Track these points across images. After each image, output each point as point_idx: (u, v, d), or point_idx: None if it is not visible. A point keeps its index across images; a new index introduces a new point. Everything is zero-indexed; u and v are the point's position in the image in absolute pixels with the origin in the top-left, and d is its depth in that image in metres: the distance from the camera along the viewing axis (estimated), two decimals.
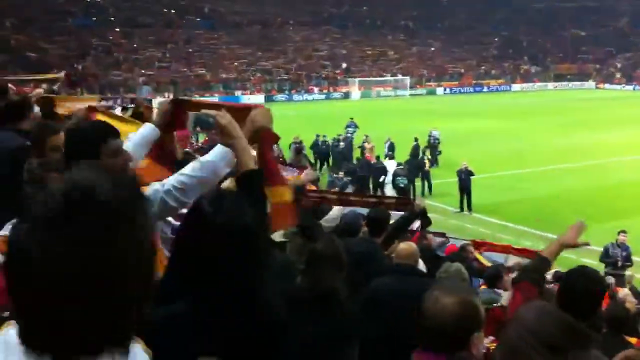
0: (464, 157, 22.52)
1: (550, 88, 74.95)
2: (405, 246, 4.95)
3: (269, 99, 61.83)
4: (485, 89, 72.82)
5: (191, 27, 72.53)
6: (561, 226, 16.82)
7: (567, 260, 13.89)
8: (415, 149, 25.40)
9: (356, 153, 26.54)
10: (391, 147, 26.66)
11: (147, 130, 3.42)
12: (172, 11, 73.99)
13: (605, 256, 13.92)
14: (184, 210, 2.50)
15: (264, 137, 2.93)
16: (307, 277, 3.29)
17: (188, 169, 2.77)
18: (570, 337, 2.85)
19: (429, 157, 24.88)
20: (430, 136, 28.60)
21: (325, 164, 27.48)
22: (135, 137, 3.38)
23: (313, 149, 27.78)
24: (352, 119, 32.33)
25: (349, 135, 30.12)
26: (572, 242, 3.81)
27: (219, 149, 2.81)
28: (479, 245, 10.88)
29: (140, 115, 5.54)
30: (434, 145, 27.80)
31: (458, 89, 72.30)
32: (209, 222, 1.90)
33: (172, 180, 2.77)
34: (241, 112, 3.07)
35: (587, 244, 3.85)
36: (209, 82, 63.02)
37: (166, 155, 3.63)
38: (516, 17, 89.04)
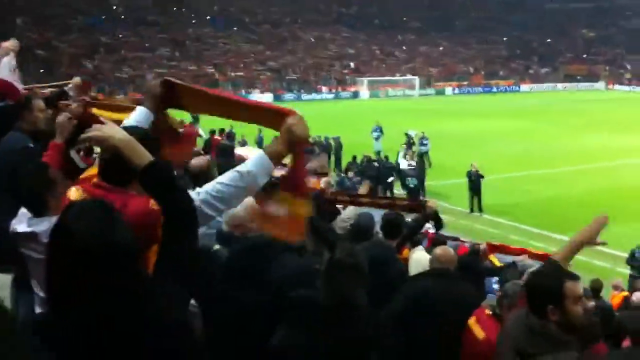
0: (473, 157, 22.45)
1: (559, 89, 74.66)
2: (443, 251, 4.96)
3: (277, 98, 61.87)
4: (494, 89, 72.57)
5: (201, 25, 72.57)
6: (571, 228, 16.82)
7: (579, 263, 13.87)
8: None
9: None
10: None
11: (140, 115, 3.25)
12: (182, 10, 74.09)
13: (631, 259, 13.78)
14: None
15: (300, 148, 2.89)
16: (326, 287, 3.25)
17: (226, 177, 2.66)
18: (534, 343, 2.87)
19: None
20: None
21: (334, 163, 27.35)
22: (132, 119, 3.23)
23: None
24: (377, 122, 30.94)
25: (374, 140, 29.66)
26: (591, 240, 3.42)
27: (258, 158, 2.73)
28: (493, 247, 10.75)
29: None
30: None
31: (467, 89, 72.11)
32: (68, 237, 1.84)
33: (209, 188, 2.66)
34: (267, 113, 3.03)
35: (604, 243, 3.44)
36: (217, 80, 63.06)
37: (166, 133, 3.55)
38: (526, 17, 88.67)
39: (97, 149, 2.45)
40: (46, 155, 4.04)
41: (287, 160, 2.94)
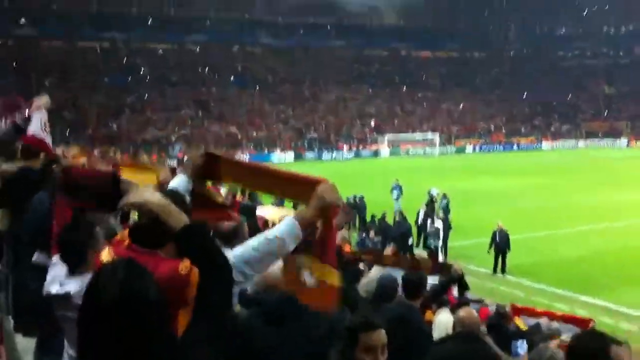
0: (494, 216, 22.31)
1: (581, 146, 74.45)
2: (467, 314, 4.97)
3: (298, 156, 62.32)
4: (515, 147, 72.57)
5: (224, 85, 73.91)
6: (595, 289, 16.60)
7: (603, 326, 13.61)
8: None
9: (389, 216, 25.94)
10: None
11: (179, 181, 3.35)
12: (206, 69, 75.57)
13: None
14: None
15: (331, 215, 2.90)
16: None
17: (256, 243, 2.72)
18: None
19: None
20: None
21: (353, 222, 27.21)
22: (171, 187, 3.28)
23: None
24: (397, 180, 30.56)
25: (394, 199, 29.13)
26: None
27: (287, 224, 2.75)
28: (518, 310, 10.63)
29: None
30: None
31: (488, 146, 72.20)
32: (99, 296, 1.87)
33: (238, 252, 2.71)
34: (298, 184, 3.06)
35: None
36: (240, 140, 63.73)
37: (209, 204, 3.63)
38: (546, 74, 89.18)
39: (134, 214, 2.51)
40: (56, 213, 4.11)
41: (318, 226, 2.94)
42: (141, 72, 71.97)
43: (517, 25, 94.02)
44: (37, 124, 6.23)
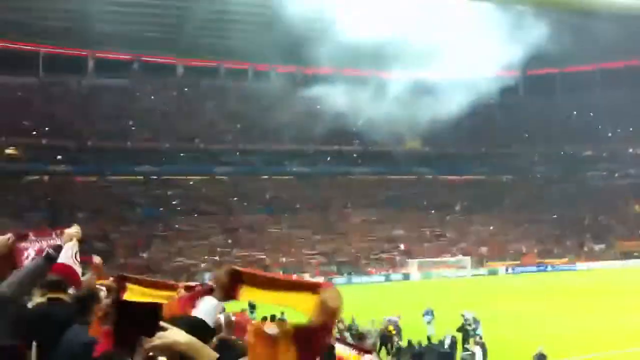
0: (531, 339, 21.68)
1: (617, 266, 72.71)
2: None
3: (328, 281, 61.81)
4: (549, 268, 71.25)
5: (253, 213, 74.78)
6: None
7: None
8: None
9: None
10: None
11: (206, 305, 3.30)
12: (235, 199, 76.84)
13: None
14: None
15: (331, 322, 2.75)
16: None
17: None
18: None
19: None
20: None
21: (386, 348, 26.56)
22: (201, 310, 3.25)
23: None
24: (429, 305, 30.22)
25: (427, 324, 28.50)
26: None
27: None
28: None
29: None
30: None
31: (520, 268, 71.00)
32: None
33: None
34: (305, 289, 3.03)
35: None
36: (267, 266, 63.66)
37: None
38: (574, 195, 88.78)
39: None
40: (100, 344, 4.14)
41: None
42: (172, 203, 73.38)
43: (542, 148, 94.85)
44: (68, 254, 6.33)
